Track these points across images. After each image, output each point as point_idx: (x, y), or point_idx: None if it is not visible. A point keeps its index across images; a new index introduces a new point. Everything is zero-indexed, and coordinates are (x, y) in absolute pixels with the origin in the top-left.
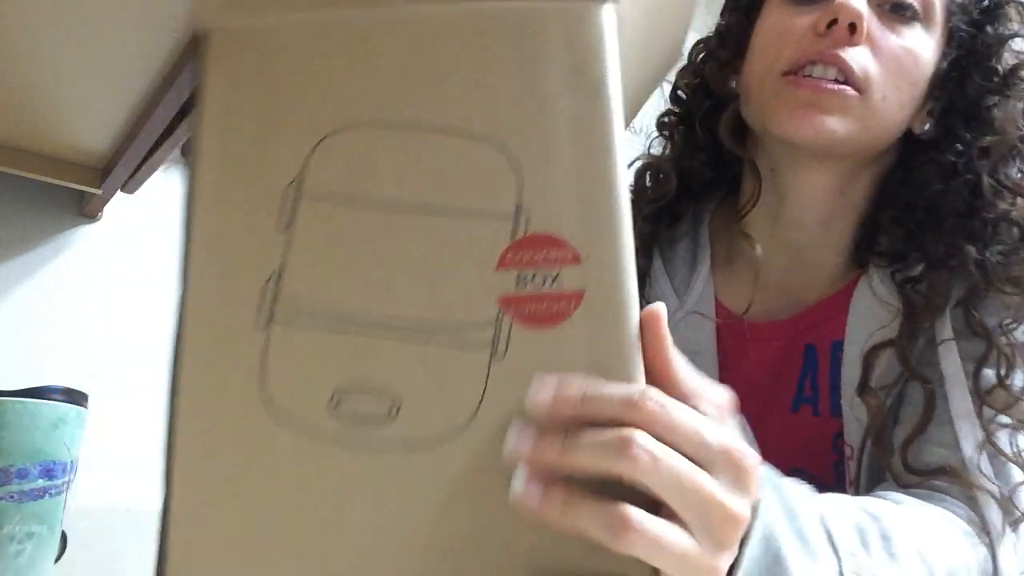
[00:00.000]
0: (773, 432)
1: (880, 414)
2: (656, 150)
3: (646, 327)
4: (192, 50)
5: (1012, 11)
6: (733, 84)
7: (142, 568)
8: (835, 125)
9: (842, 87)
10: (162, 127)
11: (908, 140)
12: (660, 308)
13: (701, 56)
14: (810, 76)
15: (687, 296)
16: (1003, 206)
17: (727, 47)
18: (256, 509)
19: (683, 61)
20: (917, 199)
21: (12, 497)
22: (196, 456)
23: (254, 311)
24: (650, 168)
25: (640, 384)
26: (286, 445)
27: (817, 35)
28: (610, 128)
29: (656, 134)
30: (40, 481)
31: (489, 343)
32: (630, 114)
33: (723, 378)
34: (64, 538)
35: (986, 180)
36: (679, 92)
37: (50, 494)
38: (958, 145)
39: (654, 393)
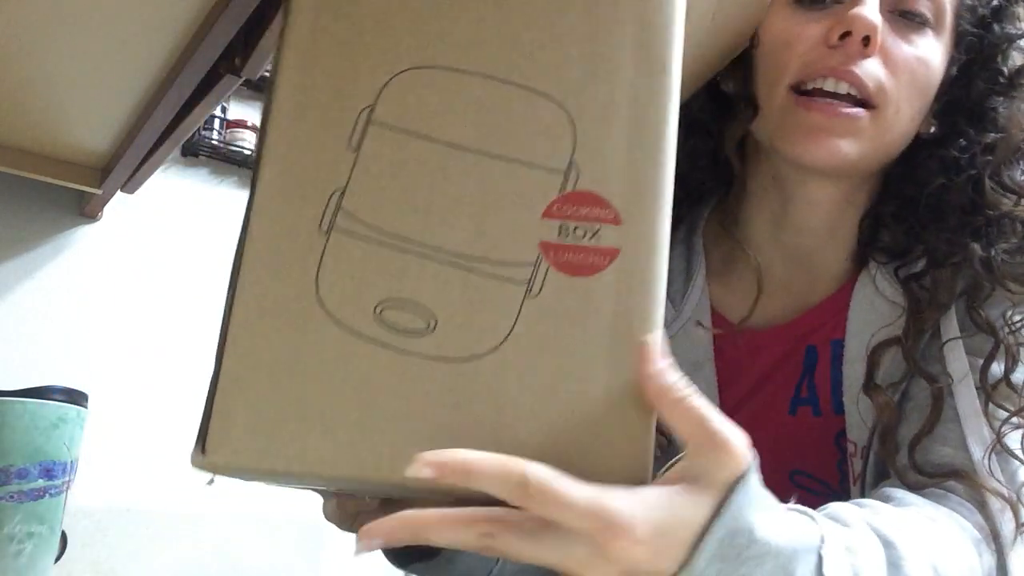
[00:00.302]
0: (773, 436)
1: (888, 411)
2: None
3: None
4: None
5: (1020, 10)
6: (734, 88)
7: (142, 568)
8: (847, 148)
9: (854, 111)
10: (162, 127)
11: (912, 138)
12: (654, 339)
13: None
14: (821, 91)
15: (683, 306)
16: (1007, 205)
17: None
18: (296, 387)
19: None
20: (920, 195)
21: (12, 497)
22: (250, 332)
23: (319, 216)
24: None
25: (520, 466)
26: (331, 337)
27: (828, 46)
28: (667, 105)
29: None
30: (40, 481)
31: (526, 281)
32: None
33: (722, 387)
34: (64, 538)
35: (988, 181)
36: None
37: (50, 494)
38: (962, 141)
39: (532, 478)
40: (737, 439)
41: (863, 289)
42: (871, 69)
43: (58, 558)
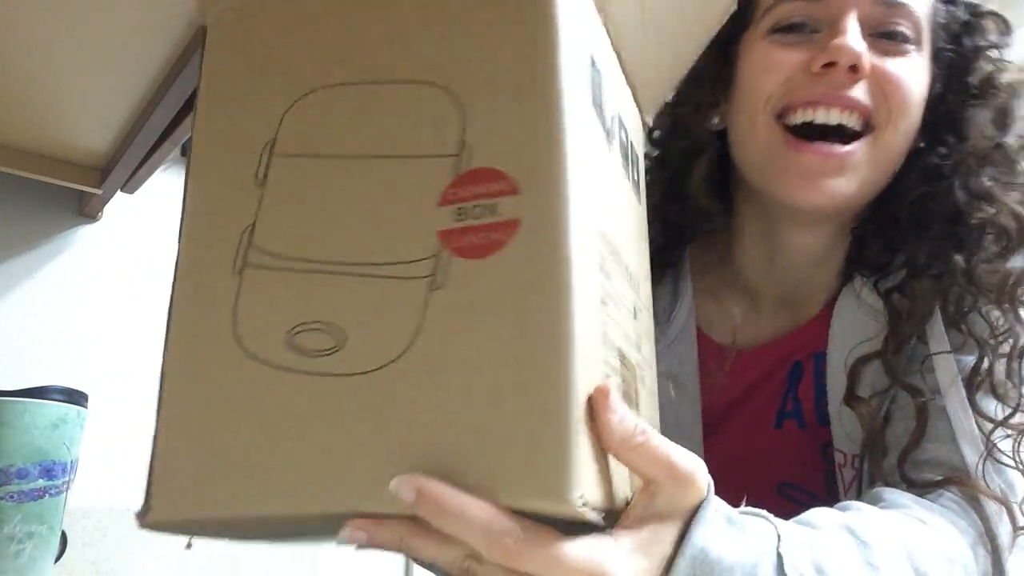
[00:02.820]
0: (759, 450)
1: (872, 421)
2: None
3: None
4: (197, 38)
5: (990, 23)
6: (715, 121)
7: (142, 568)
8: (845, 187)
9: (849, 148)
10: (162, 127)
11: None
12: (607, 388)
13: (674, 97)
14: (811, 125)
15: (668, 326)
16: (984, 213)
17: (703, 88)
18: (227, 430)
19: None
20: (902, 206)
21: (12, 497)
22: (180, 382)
23: (232, 258)
24: None
25: (485, 513)
26: (248, 373)
27: (812, 74)
28: (549, 64)
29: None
30: (40, 481)
31: (428, 275)
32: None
33: (706, 404)
34: (64, 538)
35: (958, 190)
36: (653, 135)
37: (50, 494)
38: (942, 149)
39: (497, 532)
40: (696, 467)
41: (845, 302)
42: (862, 91)
43: (58, 558)
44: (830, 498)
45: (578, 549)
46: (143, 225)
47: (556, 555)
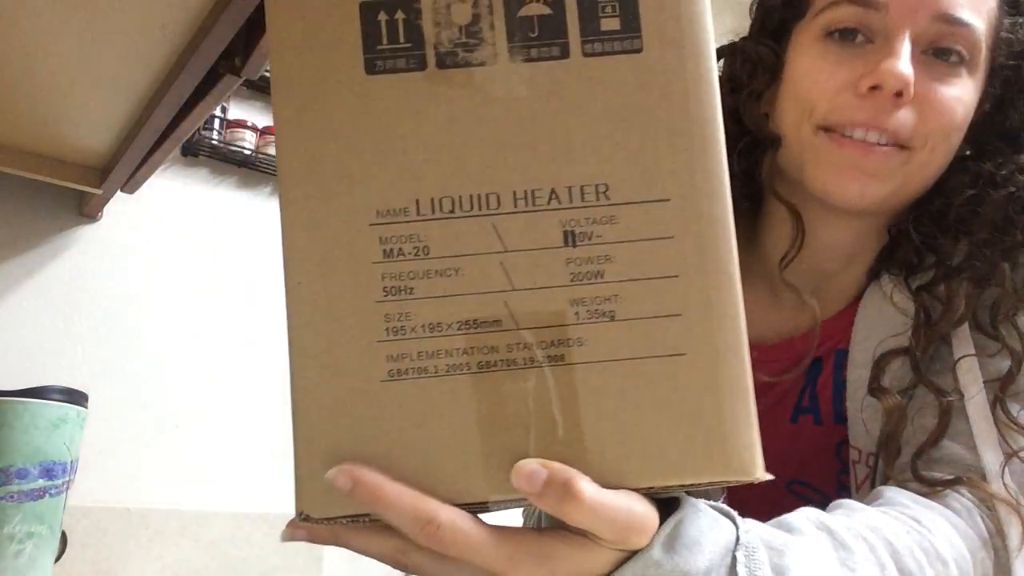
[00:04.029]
0: (774, 444)
1: (896, 413)
2: None
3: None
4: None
5: None
6: (767, 114)
7: (142, 568)
8: (878, 189)
9: (889, 148)
10: (162, 127)
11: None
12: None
13: (732, 83)
14: (851, 138)
15: None
16: None
17: (760, 78)
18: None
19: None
20: (948, 207)
21: (12, 497)
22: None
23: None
24: None
25: (415, 500)
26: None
27: (858, 94)
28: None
29: None
30: (40, 481)
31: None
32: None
33: None
34: (64, 538)
35: (1018, 203)
36: None
37: (50, 494)
38: (999, 158)
39: (425, 517)
40: (643, 520)
41: (872, 297)
42: (904, 119)
43: (58, 558)
44: (839, 497)
45: (502, 537)
46: (143, 225)
47: (479, 540)
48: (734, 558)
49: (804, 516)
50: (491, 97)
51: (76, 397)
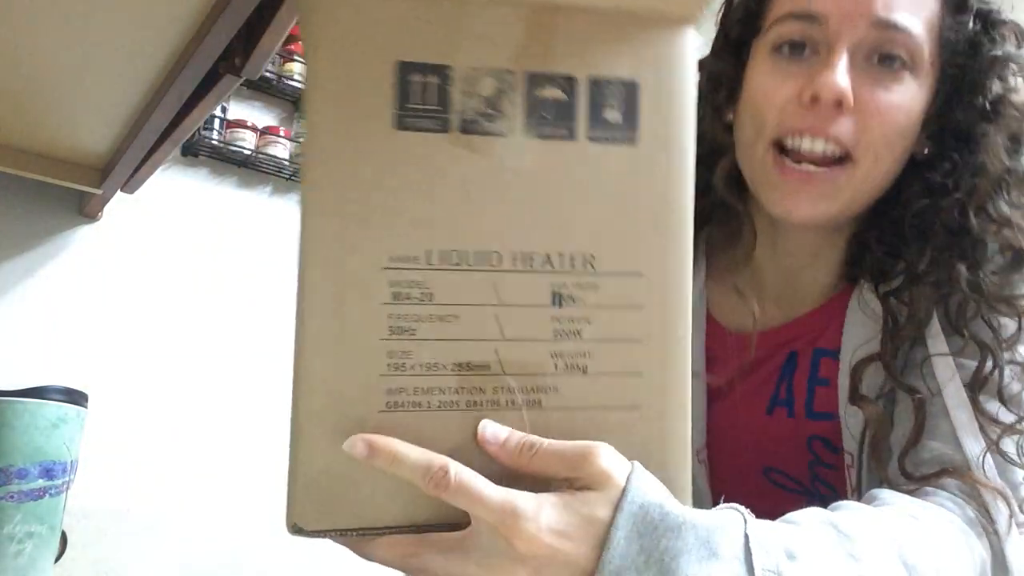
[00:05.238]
0: (750, 433)
1: (877, 420)
2: None
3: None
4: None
5: (1007, 32)
6: (730, 117)
7: (142, 568)
8: (828, 207)
9: (829, 171)
10: (162, 127)
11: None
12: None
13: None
14: (798, 152)
15: None
16: (993, 233)
17: (720, 92)
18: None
19: None
20: (904, 215)
21: (12, 497)
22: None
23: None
24: None
25: (443, 461)
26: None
27: (803, 106)
28: None
29: None
30: (40, 481)
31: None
32: None
33: (709, 385)
34: (64, 538)
35: (972, 214)
36: None
37: (50, 494)
38: (947, 164)
39: (453, 472)
40: (593, 448)
41: (854, 304)
42: (845, 126)
43: (58, 558)
44: (814, 487)
45: (501, 491)
46: (143, 225)
47: (480, 492)
48: (746, 536)
49: (806, 513)
50: (504, 165)
51: (76, 397)
